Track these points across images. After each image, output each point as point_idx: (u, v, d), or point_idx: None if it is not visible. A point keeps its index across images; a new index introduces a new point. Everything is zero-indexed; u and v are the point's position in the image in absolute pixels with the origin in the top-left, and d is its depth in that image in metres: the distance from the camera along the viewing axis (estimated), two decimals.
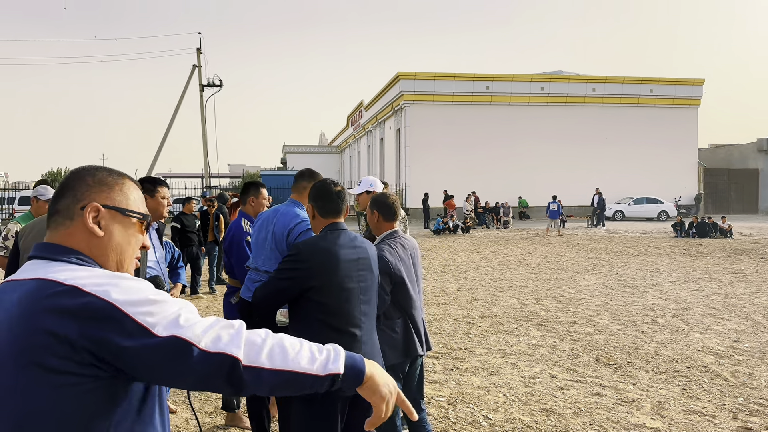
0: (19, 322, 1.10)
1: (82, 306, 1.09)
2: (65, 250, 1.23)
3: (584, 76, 37.74)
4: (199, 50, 30.47)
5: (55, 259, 1.21)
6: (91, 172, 1.31)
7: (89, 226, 1.25)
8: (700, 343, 6.68)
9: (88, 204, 1.27)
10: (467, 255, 16.34)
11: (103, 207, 1.28)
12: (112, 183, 1.32)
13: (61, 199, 1.28)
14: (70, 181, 1.30)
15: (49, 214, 1.29)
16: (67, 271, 1.17)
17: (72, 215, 1.27)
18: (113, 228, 1.29)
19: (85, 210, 1.26)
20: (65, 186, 1.29)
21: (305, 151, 60.01)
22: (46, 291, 1.12)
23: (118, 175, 1.35)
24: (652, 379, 5.45)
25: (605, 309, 8.65)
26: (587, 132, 36.53)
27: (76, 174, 1.31)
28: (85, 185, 1.29)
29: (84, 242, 1.26)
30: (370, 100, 44.27)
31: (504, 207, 29.00)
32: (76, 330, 1.08)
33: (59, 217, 1.27)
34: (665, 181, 36.76)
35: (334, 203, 2.72)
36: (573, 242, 20.22)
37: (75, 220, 1.26)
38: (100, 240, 1.27)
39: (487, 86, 35.72)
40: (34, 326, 1.08)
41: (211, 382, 1.14)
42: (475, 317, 8.12)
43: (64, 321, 1.08)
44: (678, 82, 37.79)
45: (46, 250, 1.24)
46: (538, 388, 5.17)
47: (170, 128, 30.56)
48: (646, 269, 13.25)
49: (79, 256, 1.23)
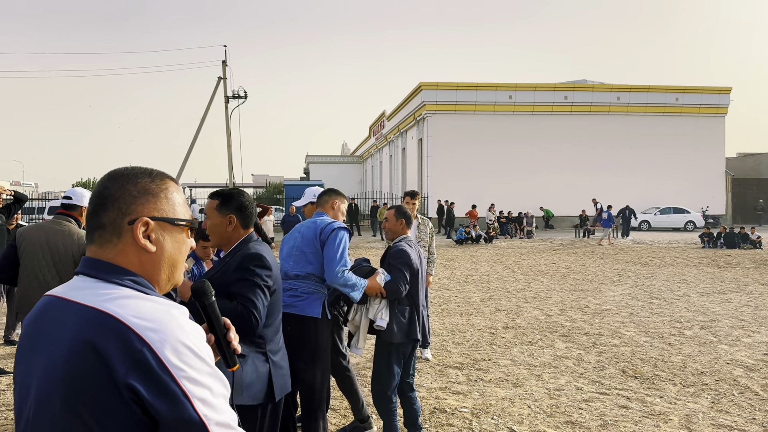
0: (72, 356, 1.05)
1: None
2: (119, 270, 1.17)
3: (608, 84, 37.41)
4: (225, 62, 30.91)
5: (109, 280, 1.15)
6: (133, 180, 1.22)
7: (141, 243, 1.18)
8: (729, 356, 6.57)
9: (137, 218, 1.19)
10: (490, 265, 16.26)
11: (152, 220, 1.21)
12: (156, 190, 1.23)
13: (103, 212, 1.19)
14: (110, 191, 1.20)
15: (91, 227, 1.21)
16: (125, 299, 1.11)
17: (120, 231, 1.19)
18: (164, 240, 1.23)
19: (135, 225, 1.18)
20: (106, 196, 1.20)
21: (328, 161, 60.34)
22: (105, 325, 1.06)
23: (161, 179, 1.26)
24: (679, 392, 5.37)
25: (631, 320, 8.54)
26: (612, 141, 36.15)
27: (115, 182, 1.21)
28: (129, 196, 1.20)
29: (136, 259, 1.19)
30: (393, 110, 44.40)
31: (527, 217, 28.81)
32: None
33: (106, 233, 1.19)
34: (692, 190, 36.18)
35: (254, 218, 2.90)
36: (598, 253, 20.00)
37: (123, 236, 1.19)
38: (152, 255, 1.21)
39: (509, 95, 35.59)
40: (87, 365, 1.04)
41: None
42: (499, 328, 8.08)
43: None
44: (704, 90, 37.25)
45: (97, 269, 1.17)
46: (563, 400, 5.14)
47: (196, 139, 31.02)
48: (673, 280, 13.06)
49: (133, 278, 1.17)
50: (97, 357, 1.03)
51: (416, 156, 38.17)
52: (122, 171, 1.24)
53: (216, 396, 1.09)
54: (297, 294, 3.57)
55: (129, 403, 1.02)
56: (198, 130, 30.80)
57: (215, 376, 1.11)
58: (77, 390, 1.03)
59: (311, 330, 3.54)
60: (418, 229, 6.54)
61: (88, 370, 1.03)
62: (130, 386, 1.02)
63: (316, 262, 3.65)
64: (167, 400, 1.04)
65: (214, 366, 1.13)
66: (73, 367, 1.03)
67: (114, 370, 1.02)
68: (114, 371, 1.02)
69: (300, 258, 3.66)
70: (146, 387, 1.03)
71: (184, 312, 1.14)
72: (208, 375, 1.09)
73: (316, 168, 57.94)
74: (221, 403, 1.10)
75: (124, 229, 1.19)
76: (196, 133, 30.90)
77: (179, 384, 1.05)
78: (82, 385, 1.03)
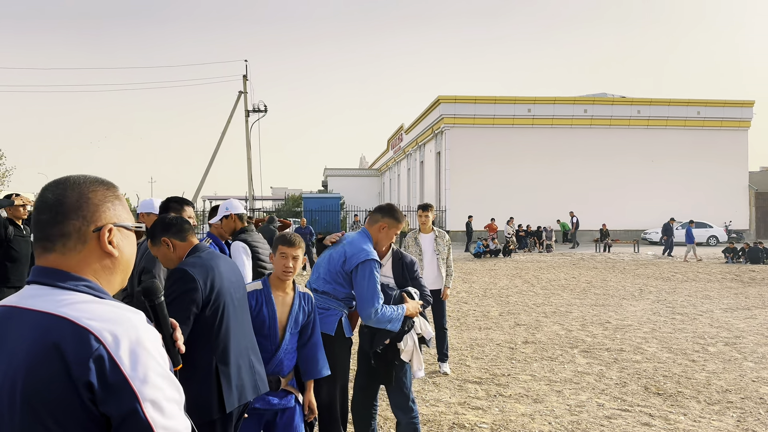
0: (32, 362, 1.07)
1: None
2: (74, 277, 1.19)
3: (629, 98, 37.18)
4: (245, 77, 31.31)
5: (64, 287, 1.17)
6: (92, 188, 1.24)
7: (107, 249, 1.22)
8: (754, 373, 6.44)
9: (102, 226, 1.22)
10: (509, 279, 16.16)
11: (115, 226, 1.24)
12: (113, 198, 1.27)
13: (67, 220, 1.19)
14: (70, 200, 1.21)
15: (50, 236, 1.20)
16: (81, 303, 1.14)
17: (86, 239, 1.21)
18: (123, 245, 1.27)
19: (102, 232, 1.22)
20: (67, 205, 1.20)
21: (346, 174, 60.60)
22: (62, 332, 1.08)
23: (114, 187, 1.30)
24: (704, 409, 5.27)
25: (653, 336, 8.42)
26: (632, 155, 35.85)
27: (72, 190, 1.22)
28: (92, 204, 1.22)
29: (97, 264, 1.22)
30: (411, 123, 44.55)
31: (546, 231, 28.62)
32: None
33: (70, 242, 1.20)
34: (714, 205, 35.68)
35: (182, 225, 2.92)
36: (619, 267, 19.77)
37: (88, 243, 1.21)
38: (115, 260, 1.24)
39: (528, 109, 35.53)
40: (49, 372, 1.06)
41: None
42: (518, 343, 8.01)
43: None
44: (726, 103, 36.85)
45: (52, 277, 1.19)
46: (584, 416, 5.07)
47: (216, 152, 31.35)
48: (696, 296, 12.85)
49: (87, 283, 1.19)
50: (57, 358, 1.06)
51: (434, 169, 38.19)
52: (75, 179, 1.25)
53: (168, 400, 1.11)
54: (317, 309, 3.51)
55: (86, 401, 1.05)
56: (218, 144, 31.14)
57: (169, 379, 1.12)
58: (38, 391, 1.05)
59: (328, 347, 3.41)
60: (435, 241, 6.53)
61: (48, 371, 1.05)
62: (87, 384, 1.05)
63: (333, 282, 3.58)
64: (117, 399, 1.06)
65: (169, 370, 1.14)
66: (34, 369, 1.06)
67: (72, 369, 1.05)
68: (72, 371, 1.05)
69: (320, 274, 3.61)
70: (100, 385, 1.05)
71: (141, 316, 1.16)
72: (160, 377, 1.10)
73: (335, 181, 58.22)
74: (172, 407, 1.11)
75: (90, 236, 1.21)
76: (217, 147, 31.23)
77: (131, 385, 1.07)
78: (43, 385, 1.05)
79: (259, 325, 2.98)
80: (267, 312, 3.02)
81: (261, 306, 3.02)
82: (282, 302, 3.09)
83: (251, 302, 2.97)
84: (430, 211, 6.51)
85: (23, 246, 5.74)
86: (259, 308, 3.02)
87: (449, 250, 6.58)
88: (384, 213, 3.69)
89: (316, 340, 3.18)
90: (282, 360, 3.05)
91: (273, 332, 3.02)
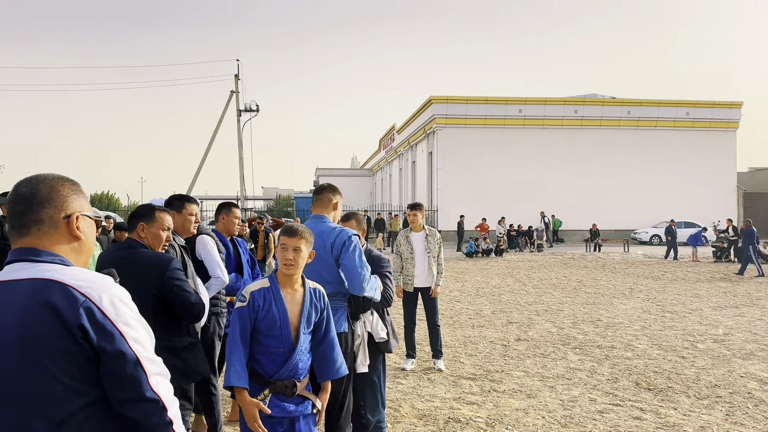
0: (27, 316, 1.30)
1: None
2: (50, 253, 1.41)
3: (619, 99, 37.46)
4: (237, 76, 31.26)
5: (43, 261, 1.39)
6: (61, 183, 1.47)
7: (75, 234, 1.46)
8: (743, 369, 6.56)
9: (71, 214, 1.46)
10: (501, 278, 16.27)
11: (81, 215, 1.48)
12: (78, 191, 1.51)
13: (41, 209, 1.42)
14: (42, 193, 1.44)
15: (25, 223, 1.42)
16: (62, 269, 1.38)
17: (57, 224, 1.44)
18: (87, 231, 1.51)
19: (71, 219, 1.46)
20: (41, 197, 1.43)
21: (338, 174, 60.61)
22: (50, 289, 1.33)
23: (77, 183, 1.53)
24: (693, 404, 5.38)
25: (644, 334, 8.54)
26: (622, 155, 36.12)
27: (43, 185, 1.45)
28: (61, 196, 1.45)
29: (67, 246, 1.45)
30: (403, 123, 44.64)
31: (537, 230, 28.78)
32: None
33: (44, 227, 1.42)
34: (703, 205, 36.01)
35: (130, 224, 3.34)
36: (609, 266, 19.94)
37: (59, 228, 1.44)
38: (81, 243, 1.48)
39: (519, 109, 35.71)
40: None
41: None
42: (511, 340, 8.10)
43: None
44: (715, 104, 37.21)
45: (31, 254, 1.40)
46: (577, 411, 5.16)
47: (208, 152, 31.28)
48: (686, 294, 13.01)
49: (62, 258, 1.42)
50: (50, 311, 1.29)
51: (426, 169, 38.31)
52: (45, 176, 1.48)
53: (144, 339, 1.38)
54: None
55: (80, 341, 1.30)
56: (210, 144, 31.09)
57: (142, 323, 1.40)
58: (35, 340, 1.28)
59: (342, 345, 3.37)
60: (426, 240, 6.61)
61: (44, 322, 1.29)
62: (80, 326, 1.29)
63: (334, 280, 3.46)
64: (108, 337, 1.32)
65: (141, 317, 1.41)
66: (31, 323, 1.29)
67: (66, 318, 1.29)
68: (66, 319, 1.29)
69: (311, 277, 3.34)
70: (92, 327, 1.30)
71: (110, 278, 1.42)
72: (136, 321, 1.38)
73: (326, 181, 58.12)
74: (149, 344, 1.39)
75: (60, 222, 1.45)
76: (209, 146, 31.18)
77: (116, 326, 1.33)
78: (40, 334, 1.28)
79: (269, 325, 2.78)
80: (277, 311, 2.79)
81: (270, 305, 2.79)
82: (292, 300, 2.85)
83: (258, 301, 2.79)
84: (419, 210, 6.60)
85: None
86: (268, 307, 2.79)
87: (440, 248, 6.67)
88: (334, 190, 3.66)
89: (331, 338, 2.96)
90: (297, 363, 2.82)
91: (285, 333, 2.79)
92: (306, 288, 2.92)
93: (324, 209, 3.58)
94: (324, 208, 3.58)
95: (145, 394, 1.34)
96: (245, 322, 2.77)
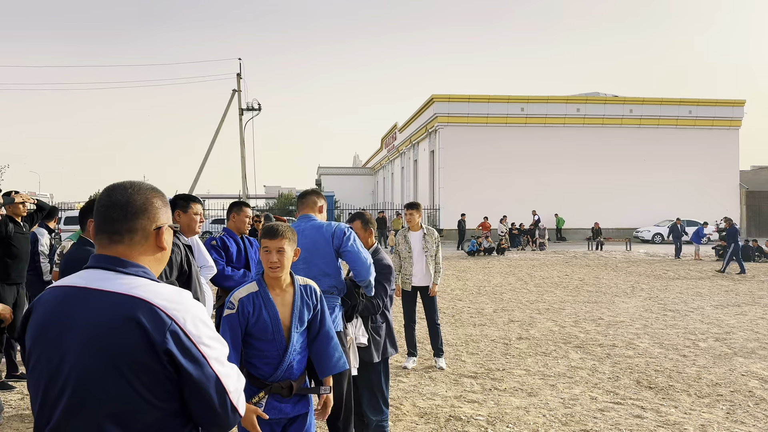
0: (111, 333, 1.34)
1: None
2: (134, 264, 1.45)
3: (621, 97, 37.41)
4: (239, 75, 31.30)
5: (127, 272, 1.42)
6: (154, 194, 1.53)
7: (161, 245, 1.51)
8: (744, 368, 6.57)
9: (161, 226, 1.52)
10: (503, 277, 16.28)
11: (169, 227, 1.55)
12: (166, 203, 1.56)
13: (136, 219, 1.47)
14: (138, 203, 1.48)
15: (119, 230, 1.46)
16: (146, 286, 1.41)
17: (148, 235, 1.49)
18: (168, 240, 1.55)
19: (161, 231, 1.51)
20: (136, 206, 1.47)
21: (340, 173, 60.60)
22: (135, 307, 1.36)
23: (164, 195, 1.58)
24: (694, 402, 5.39)
25: (645, 332, 8.55)
26: (625, 154, 36.08)
27: (138, 195, 1.49)
28: (155, 208, 1.50)
29: (152, 256, 1.50)
30: (405, 122, 44.62)
31: (540, 229, 28.77)
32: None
33: (136, 236, 1.47)
34: (706, 203, 35.95)
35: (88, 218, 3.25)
36: (611, 265, 19.94)
37: (149, 239, 1.49)
38: (164, 253, 1.53)
39: (522, 108, 35.68)
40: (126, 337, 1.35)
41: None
42: (513, 339, 8.12)
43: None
44: (718, 103, 37.14)
45: (117, 264, 1.44)
46: (578, 409, 5.17)
47: (210, 151, 31.33)
48: (687, 293, 13.01)
49: (144, 270, 1.45)
50: (139, 330, 1.33)
51: (428, 168, 38.30)
52: (139, 185, 1.53)
53: (221, 354, 1.44)
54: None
55: (165, 364, 1.35)
56: (212, 143, 31.14)
57: (219, 340, 1.45)
58: (123, 354, 1.33)
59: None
60: (424, 239, 6.66)
61: (132, 339, 1.33)
62: (167, 351, 1.34)
63: (334, 273, 3.47)
64: (193, 360, 1.37)
65: (216, 332, 1.45)
66: (119, 337, 1.33)
67: (154, 339, 1.33)
68: (154, 340, 1.33)
69: (310, 271, 3.41)
70: (179, 351, 1.35)
71: (189, 294, 1.45)
72: (214, 340, 1.43)
73: (328, 179, 58.20)
74: (224, 357, 1.45)
75: (151, 234, 1.50)
76: (211, 145, 31.23)
77: (199, 349, 1.38)
78: (128, 350, 1.33)
79: (261, 330, 2.74)
80: (268, 315, 2.75)
81: (260, 309, 2.75)
82: (282, 302, 2.80)
83: (248, 308, 2.74)
84: (416, 210, 6.66)
85: (23, 243, 5.78)
86: (258, 312, 2.74)
87: (438, 247, 6.70)
88: (317, 195, 3.81)
89: (326, 331, 2.89)
90: (292, 363, 2.78)
91: (278, 336, 2.75)
92: (296, 286, 2.85)
93: (311, 210, 3.72)
94: (311, 209, 3.73)
95: (226, 410, 1.43)
96: (236, 329, 2.73)
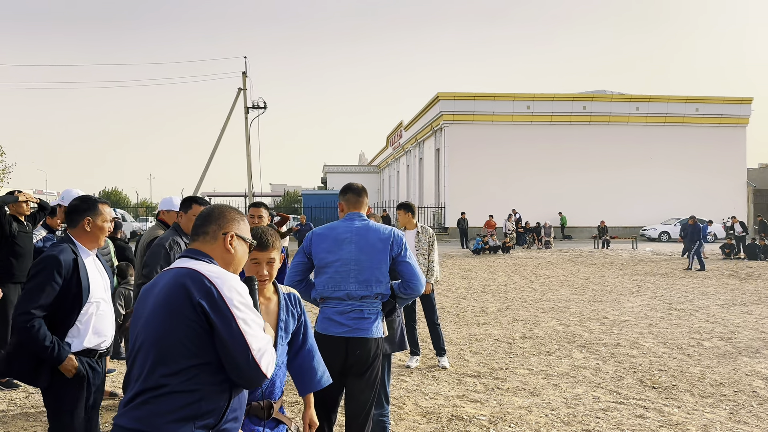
0: (172, 290, 1.86)
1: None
2: (207, 256, 1.98)
3: (627, 95, 37.27)
4: (245, 73, 31.31)
5: (201, 260, 1.95)
6: (229, 210, 2.08)
7: (227, 247, 2.01)
8: (748, 368, 6.54)
9: (228, 232, 2.02)
10: (507, 275, 16.25)
11: (235, 235, 2.03)
12: (239, 218, 2.07)
13: (209, 224, 2.02)
14: (215, 214, 2.05)
15: (198, 232, 2.03)
16: (205, 265, 1.93)
17: (216, 237, 2.02)
18: (238, 249, 2.05)
19: (226, 236, 2.02)
20: (213, 216, 2.04)
21: (345, 171, 60.67)
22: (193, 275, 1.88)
23: (241, 213, 2.10)
24: (697, 402, 5.37)
25: (650, 331, 8.52)
26: (631, 152, 35.95)
27: (219, 209, 2.06)
28: (225, 219, 2.04)
29: (219, 255, 2.00)
30: (410, 120, 44.61)
31: (545, 227, 28.71)
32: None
33: (208, 237, 2.01)
34: (713, 201, 35.78)
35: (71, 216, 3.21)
36: (617, 263, 19.87)
37: (217, 240, 2.01)
38: (231, 256, 2.02)
39: (527, 105, 35.61)
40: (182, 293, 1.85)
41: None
42: (516, 338, 8.10)
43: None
44: (725, 100, 36.94)
45: (196, 254, 1.98)
46: (580, 409, 5.16)
47: (216, 149, 31.39)
48: (693, 291, 12.96)
49: (211, 259, 1.97)
50: (183, 289, 1.82)
51: (433, 166, 38.27)
52: (221, 205, 2.12)
53: (252, 320, 1.85)
54: (363, 316, 3.30)
55: (200, 315, 1.81)
56: (218, 141, 31.18)
57: (252, 311, 1.89)
58: (172, 305, 1.82)
59: (375, 350, 3.32)
60: (417, 237, 6.66)
61: (179, 295, 1.82)
62: (199, 304, 1.81)
63: (385, 280, 3.35)
64: (221, 317, 1.81)
65: (253, 307, 1.90)
66: (171, 293, 1.83)
67: (192, 296, 1.81)
68: (192, 297, 1.81)
69: (364, 275, 3.31)
70: (209, 306, 1.81)
71: (236, 276, 1.95)
72: (247, 308, 1.87)
73: (334, 177, 58.27)
74: (256, 327, 1.86)
75: (219, 236, 2.02)
76: (216, 143, 31.28)
77: (229, 308, 1.82)
78: (175, 304, 1.82)
79: None
80: None
81: None
82: (266, 311, 2.54)
83: None
84: (404, 210, 6.65)
85: (26, 241, 5.81)
86: None
87: (431, 246, 6.68)
88: (366, 194, 3.63)
89: (310, 346, 2.66)
90: (274, 379, 2.47)
91: None
92: (280, 294, 2.63)
93: (363, 209, 3.54)
94: (362, 207, 3.54)
95: (248, 365, 1.79)
96: None
